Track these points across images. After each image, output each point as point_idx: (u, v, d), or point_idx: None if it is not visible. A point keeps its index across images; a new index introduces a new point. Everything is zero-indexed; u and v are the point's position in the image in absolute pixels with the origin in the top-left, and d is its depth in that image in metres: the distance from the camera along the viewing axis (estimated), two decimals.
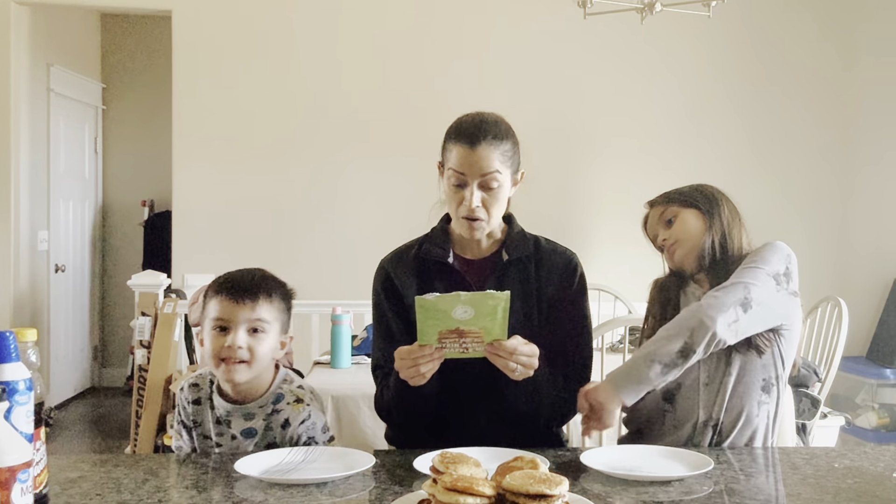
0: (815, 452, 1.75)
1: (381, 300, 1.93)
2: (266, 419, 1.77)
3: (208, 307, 1.76)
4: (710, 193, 2.02)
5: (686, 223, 1.98)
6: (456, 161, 1.80)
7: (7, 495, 1.13)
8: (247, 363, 1.72)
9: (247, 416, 1.78)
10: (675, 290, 2.02)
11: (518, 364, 1.66)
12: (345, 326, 3.34)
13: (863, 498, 1.46)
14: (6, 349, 1.23)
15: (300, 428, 1.74)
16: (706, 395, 1.90)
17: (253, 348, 1.72)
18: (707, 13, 3.56)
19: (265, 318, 1.74)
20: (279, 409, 1.77)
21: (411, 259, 1.93)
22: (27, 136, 5.32)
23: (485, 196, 1.81)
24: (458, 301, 1.60)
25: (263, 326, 1.74)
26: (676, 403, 1.93)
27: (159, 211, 6.60)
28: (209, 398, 1.82)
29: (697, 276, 2.00)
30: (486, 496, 1.22)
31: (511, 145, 1.84)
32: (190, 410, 1.83)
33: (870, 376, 4.96)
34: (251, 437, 1.77)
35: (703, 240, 1.96)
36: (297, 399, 1.78)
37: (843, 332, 3.37)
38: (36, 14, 5.40)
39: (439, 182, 1.92)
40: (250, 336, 1.73)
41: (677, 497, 1.46)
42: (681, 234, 1.98)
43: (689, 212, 1.99)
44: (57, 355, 5.77)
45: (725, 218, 1.98)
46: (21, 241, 5.25)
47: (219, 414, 1.80)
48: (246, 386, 1.77)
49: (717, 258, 1.95)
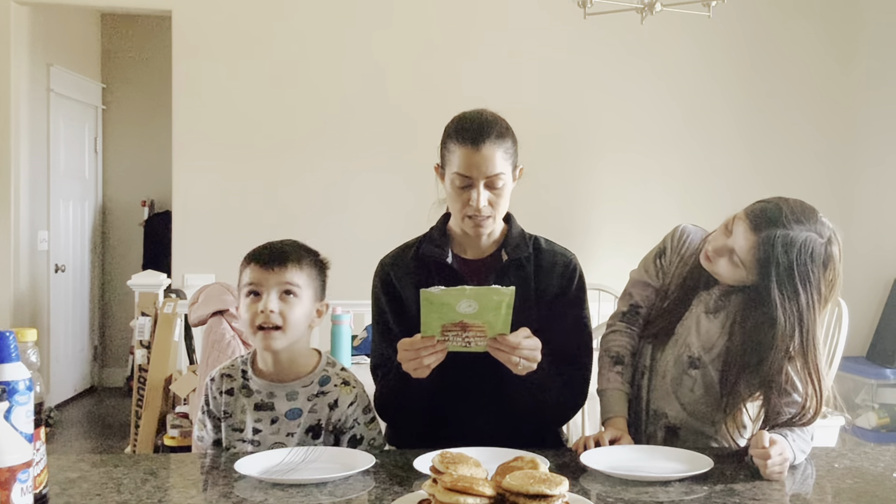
0: (815, 452, 1.75)
1: (380, 299, 1.93)
2: (311, 399, 1.79)
3: (242, 277, 1.80)
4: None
5: (743, 275, 1.80)
6: (460, 163, 1.79)
7: (7, 495, 1.13)
8: (281, 329, 1.74)
9: (290, 395, 1.79)
10: (701, 276, 1.89)
11: (521, 357, 1.66)
12: (345, 326, 3.34)
13: (863, 498, 1.46)
14: (6, 349, 1.23)
15: (348, 410, 1.78)
16: (664, 385, 1.91)
17: (285, 313, 1.74)
18: (707, 13, 3.56)
19: (295, 282, 1.76)
20: (326, 391, 1.79)
21: (410, 259, 1.93)
22: (27, 136, 5.32)
23: (491, 196, 1.81)
24: (463, 295, 1.60)
25: (294, 290, 1.76)
26: (641, 386, 1.94)
27: (159, 211, 6.60)
28: (244, 387, 1.82)
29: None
30: (486, 496, 1.22)
31: (511, 142, 1.84)
32: (222, 401, 1.83)
33: (870, 376, 4.96)
34: (296, 417, 1.78)
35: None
36: (345, 382, 1.81)
37: (843, 332, 3.37)
38: (36, 14, 5.40)
39: (436, 183, 1.92)
40: (282, 301, 1.75)
41: (677, 497, 1.46)
42: (739, 276, 1.81)
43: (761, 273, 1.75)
44: (57, 355, 5.77)
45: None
46: (21, 241, 5.25)
47: (259, 398, 1.80)
48: (287, 360, 1.79)
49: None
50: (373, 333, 1.96)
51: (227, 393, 1.83)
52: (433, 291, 1.60)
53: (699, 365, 1.87)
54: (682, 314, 1.90)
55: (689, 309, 1.90)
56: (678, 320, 1.90)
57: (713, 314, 1.88)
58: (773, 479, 1.56)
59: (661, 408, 1.91)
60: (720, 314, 1.87)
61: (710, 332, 1.87)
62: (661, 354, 1.92)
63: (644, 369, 1.94)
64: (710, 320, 1.88)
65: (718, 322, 1.87)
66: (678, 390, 1.89)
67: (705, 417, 1.89)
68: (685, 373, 1.88)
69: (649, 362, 1.93)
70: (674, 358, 1.90)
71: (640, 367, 1.95)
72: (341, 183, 5.03)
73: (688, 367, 1.88)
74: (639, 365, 1.95)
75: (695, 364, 1.87)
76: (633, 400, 1.93)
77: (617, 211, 5.14)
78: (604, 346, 1.97)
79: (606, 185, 5.18)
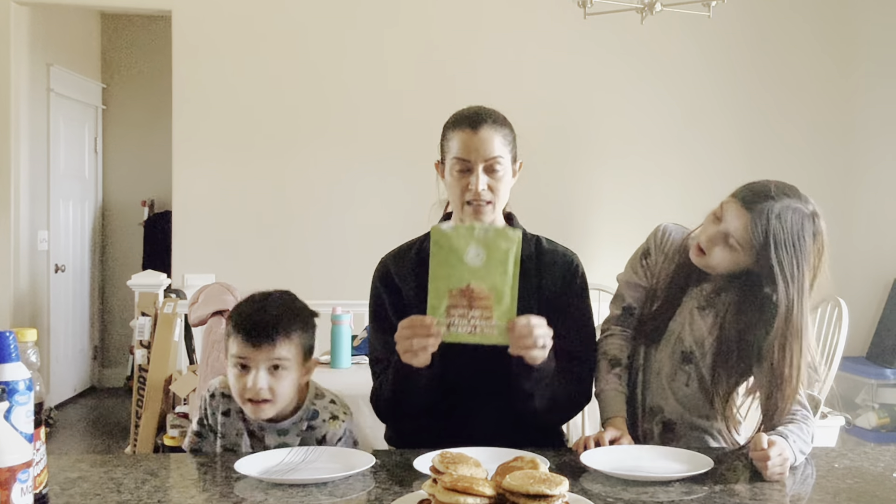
0: (815, 452, 1.75)
1: (380, 293, 1.93)
2: (301, 435, 1.78)
3: (229, 342, 1.76)
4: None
5: (740, 258, 1.81)
6: (459, 147, 1.81)
7: (7, 495, 1.13)
8: (270, 401, 1.72)
9: (280, 432, 1.79)
10: (691, 272, 1.89)
11: (538, 339, 1.64)
12: (345, 326, 3.34)
13: (863, 498, 1.46)
14: (6, 349, 1.23)
15: (338, 444, 1.77)
16: (658, 382, 1.91)
17: (274, 388, 1.72)
18: (707, 13, 3.56)
19: (284, 356, 1.73)
20: (315, 426, 1.78)
21: (412, 257, 1.93)
22: (27, 136, 5.32)
23: (490, 181, 1.81)
24: (472, 238, 1.60)
25: (284, 364, 1.73)
26: (632, 383, 1.95)
27: (159, 211, 6.60)
28: (240, 411, 1.81)
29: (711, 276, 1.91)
30: (486, 496, 1.22)
31: (510, 131, 1.86)
32: (219, 420, 1.83)
33: (870, 376, 4.96)
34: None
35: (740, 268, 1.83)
36: (333, 416, 1.79)
37: (843, 332, 3.37)
38: (36, 14, 5.40)
39: (437, 183, 1.92)
40: (271, 375, 1.72)
41: (677, 497, 1.46)
42: (736, 260, 1.81)
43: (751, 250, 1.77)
44: (57, 355, 5.77)
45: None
46: (21, 241, 5.25)
47: (252, 427, 1.80)
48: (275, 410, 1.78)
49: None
50: (371, 328, 1.95)
51: (223, 414, 1.83)
52: (444, 227, 1.61)
53: (693, 359, 1.88)
54: (673, 312, 1.91)
55: (680, 305, 1.91)
56: (670, 318, 1.91)
57: (705, 309, 1.89)
58: (774, 479, 1.56)
59: (657, 404, 1.92)
60: (712, 309, 1.88)
61: (703, 327, 1.88)
62: (655, 352, 1.92)
63: (638, 367, 1.95)
64: (702, 316, 1.89)
65: (710, 316, 1.88)
66: (673, 385, 1.90)
67: (701, 411, 1.90)
68: (679, 368, 1.89)
69: (643, 360, 1.94)
70: (668, 354, 1.90)
71: (635, 366, 1.96)
72: (341, 183, 5.02)
73: (682, 362, 1.89)
74: (633, 363, 1.96)
75: (689, 359, 1.88)
76: (629, 398, 1.93)
77: (617, 211, 5.14)
78: (601, 349, 1.97)
79: (606, 185, 5.18)
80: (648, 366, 1.93)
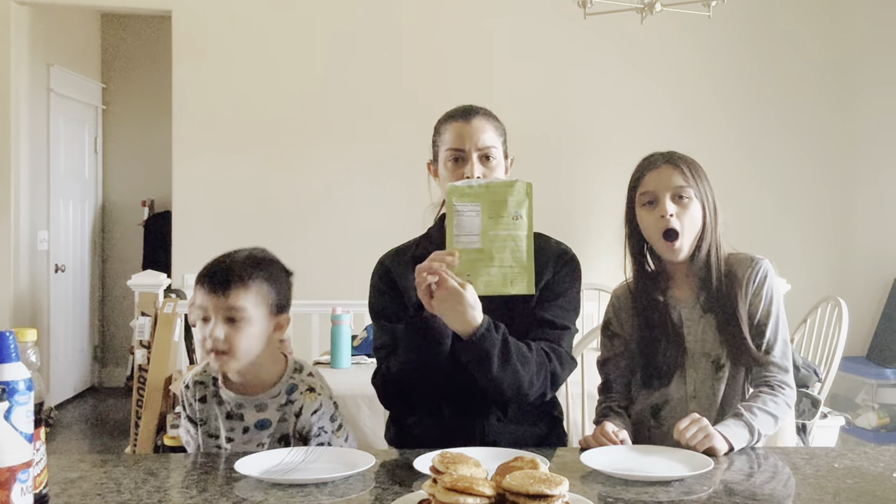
0: (815, 452, 1.75)
1: (380, 289, 1.93)
2: (280, 409, 1.76)
3: (194, 297, 1.76)
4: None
5: (695, 213, 1.88)
6: (452, 138, 1.83)
7: (7, 495, 1.13)
8: (227, 353, 1.69)
9: (259, 406, 1.77)
10: (655, 294, 1.92)
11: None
12: (345, 326, 3.34)
13: (863, 498, 1.46)
14: (6, 349, 1.23)
15: (312, 417, 1.74)
16: (695, 407, 1.86)
17: (231, 339, 1.68)
18: (707, 13, 3.56)
19: (240, 306, 1.68)
20: (293, 400, 1.76)
21: (410, 257, 1.93)
22: (27, 136, 5.32)
23: (485, 170, 1.83)
24: (485, 192, 1.65)
25: (240, 315, 1.69)
26: (663, 419, 1.90)
27: (159, 211, 6.60)
28: (215, 395, 1.81)
29: (674, 277, 1.93)
30: (486, 496, 1.22)
31: (501, 125, 1.89)
32: (196, 408, 1.82)
33: (870, 376, 4.96)
34: (265, 427, 1.76)
35: (705, 235, 1.89)
36: (310, 388, 1.77)
37: (843, 332, 3.37)
38: (36, 14, 5.40)
39: (428, 184, 1.93)
40: (228, 326, 1.69)
41: (677, 497, 1.46)
42: (688, 224, 1.87)
43: (698, 203, 1.89)
44: (57, 355, 5.78)
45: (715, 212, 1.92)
46: (21, 241, 5.25)
47: (229, 408, 1.79)
48: (251, 374, 1.76)
49: (710, 260, 1.89)
50: (374, 324, 1.95)
51: (200, 400, 1.82)
52: (459, 185, 1.66)
53: (723, 362, 1.87)
54: (679, 345, 1.89)
55: (682, 341, 1.89)
56: (677, 354, 1.89)
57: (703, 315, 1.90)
58: (706, 448, 1.64)
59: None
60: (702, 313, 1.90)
61: (708, 330, 1.88)
62: (684, 382, 1.89)
63: (666, 401, 1.90)
64: (702, 322, 1.89)
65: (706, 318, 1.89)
66: (715, 401, 1.87)
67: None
68: (714, 378, 1.87)
69: (676, 395, 1.89)
70: (698, 375, 1.88)
71: (664, 407, 1.90)
72: (342, 184, 5.03)
73: (715, 372, 1.87)
74: (662, 407, 1.90)
75: (718, 365, 1.87)
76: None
77: (617, 211, 5.11)
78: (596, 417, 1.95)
79: (606, 184, 5.17)
80: (684, 397, 1.88)
